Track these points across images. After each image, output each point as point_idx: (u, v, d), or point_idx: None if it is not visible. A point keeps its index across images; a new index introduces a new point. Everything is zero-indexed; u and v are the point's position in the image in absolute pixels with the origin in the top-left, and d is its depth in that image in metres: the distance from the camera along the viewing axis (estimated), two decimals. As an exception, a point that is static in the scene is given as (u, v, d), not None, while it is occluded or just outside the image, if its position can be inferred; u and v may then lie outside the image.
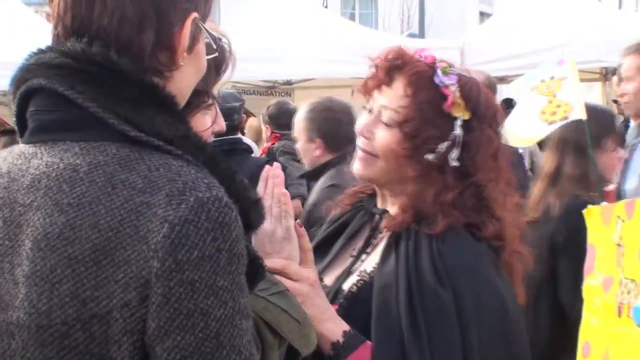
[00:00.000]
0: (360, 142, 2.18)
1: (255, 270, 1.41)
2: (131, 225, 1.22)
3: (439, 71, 2.07)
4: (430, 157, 2.05)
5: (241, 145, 5.47)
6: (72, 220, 1.23)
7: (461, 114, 2.06)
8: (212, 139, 1.98)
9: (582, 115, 4.61)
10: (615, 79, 5.93)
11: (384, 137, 2.10)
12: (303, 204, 6.47)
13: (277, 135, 7.51)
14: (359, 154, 2.18)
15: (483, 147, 2.09)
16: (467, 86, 2.09)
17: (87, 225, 1.22)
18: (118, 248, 1.21)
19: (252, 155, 5.69)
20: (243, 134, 7.66)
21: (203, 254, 1.22)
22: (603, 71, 11.52)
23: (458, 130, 2.06)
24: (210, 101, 1.90)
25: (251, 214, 1.38)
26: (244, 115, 6.45)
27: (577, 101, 4.51)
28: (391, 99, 2.10)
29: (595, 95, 11.78)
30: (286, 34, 9.80)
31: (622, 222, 2.93)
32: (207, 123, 1.89)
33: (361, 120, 2.20)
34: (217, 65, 1.91)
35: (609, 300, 2.91)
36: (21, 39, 8.83)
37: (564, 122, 4.58)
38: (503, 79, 9.54)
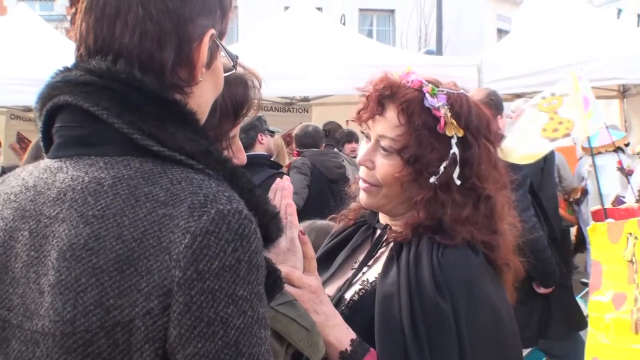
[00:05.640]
0: (362, 172, 2.21)
1: (274, 281, 1.44)
2: (154, 236, 1.25)
3: (427, 95, 2.08)
4: (432, 179, 2.08)
5: (259, 159, 6.03)
6: (96, 232, 1.26)
7: (455, 132, 2.08)
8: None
9: (585, 131, 4.63)
10: None
11: (385, 166, 2.13)
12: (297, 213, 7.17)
13: (297, 152, 8.18)
14: (362, 185, 2.21)
15: (483, 160, 2.13)
16: (457, 104, 2.11)
17: (111, 236, 1.25)
18: (141, 258, 1.23)
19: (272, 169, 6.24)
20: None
21: (223, 264, 1.24)
22: (621, 88, 11.52)
23: (455, 149, 2.08)
24: (224, 145, 1.95)
25: (270, 226, 1.41)
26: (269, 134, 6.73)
27: (579, 117, 4.52)
28: (386, 127, 2.12)
29: (614, 111, 11.77)
30: (304, 51, 9.84)
31: (635, 239, 2.93)
32: None
33: (361, 150, 2.23)
34: (236, 109, 1.96)
35: (622, 318, 2.91)
36: (41, 55, 8.93)
37: (566, 138, 4.60)
38: (520, 96, 9.55)
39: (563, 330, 5.32)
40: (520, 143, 4.70)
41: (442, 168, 2.08)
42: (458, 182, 2.09)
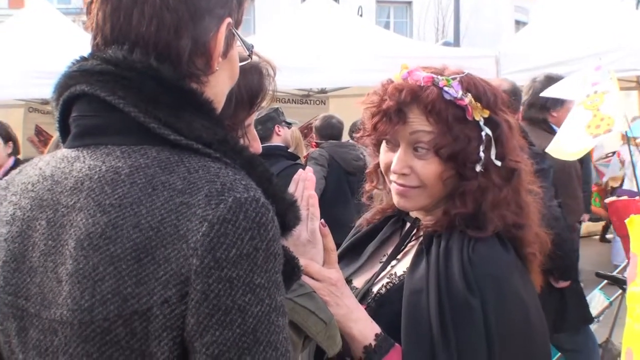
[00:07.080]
0: (397, 178, 2.12)
1: (292, 270, 1.44)
2: (171, 224, 1.24)
3: (445, 88, 2.02)
4: (478, 168, 2.03)
5: (275, 151, 6.07)
6: (114, 220, 1.26)
7: (481, 114, 2.04)
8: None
9: (624, 127, 4.64)
10: None
11: (426, 168, 2.06)
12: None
13: (316, 144, 8.18)
14: (398, 188, 2.12)
15: (508, 133, 2.08)
16: (472, 86, 2.06)
17: (128, 225, 1.25)
18: (158, 246, 1.23)
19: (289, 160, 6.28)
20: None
21: (241, 252, 1.24)
22: (640, 79, 11.44)
23: (486, 130, 2.03)
24: (240, 134, 1.94)
25: (288, 215, 1.41)
26: (287, 126, 6.71)
27: (618, 114, 4.55)
28: (416, 128, 2.05)
29: (633, 102, 11.71)
30: (321, 43, 9.82)
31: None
32: None
33: (387, 157, 2.15)
34: (251, 98, 1.95)
35: None
36: (59, 48, 8.95)
37: (607, 134, 4.62)
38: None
39: (577, 324, 5.35)
40: (567, 140, 4.73)
41: (481, 154, 2.03)
42: (499, 163, 2.05)
